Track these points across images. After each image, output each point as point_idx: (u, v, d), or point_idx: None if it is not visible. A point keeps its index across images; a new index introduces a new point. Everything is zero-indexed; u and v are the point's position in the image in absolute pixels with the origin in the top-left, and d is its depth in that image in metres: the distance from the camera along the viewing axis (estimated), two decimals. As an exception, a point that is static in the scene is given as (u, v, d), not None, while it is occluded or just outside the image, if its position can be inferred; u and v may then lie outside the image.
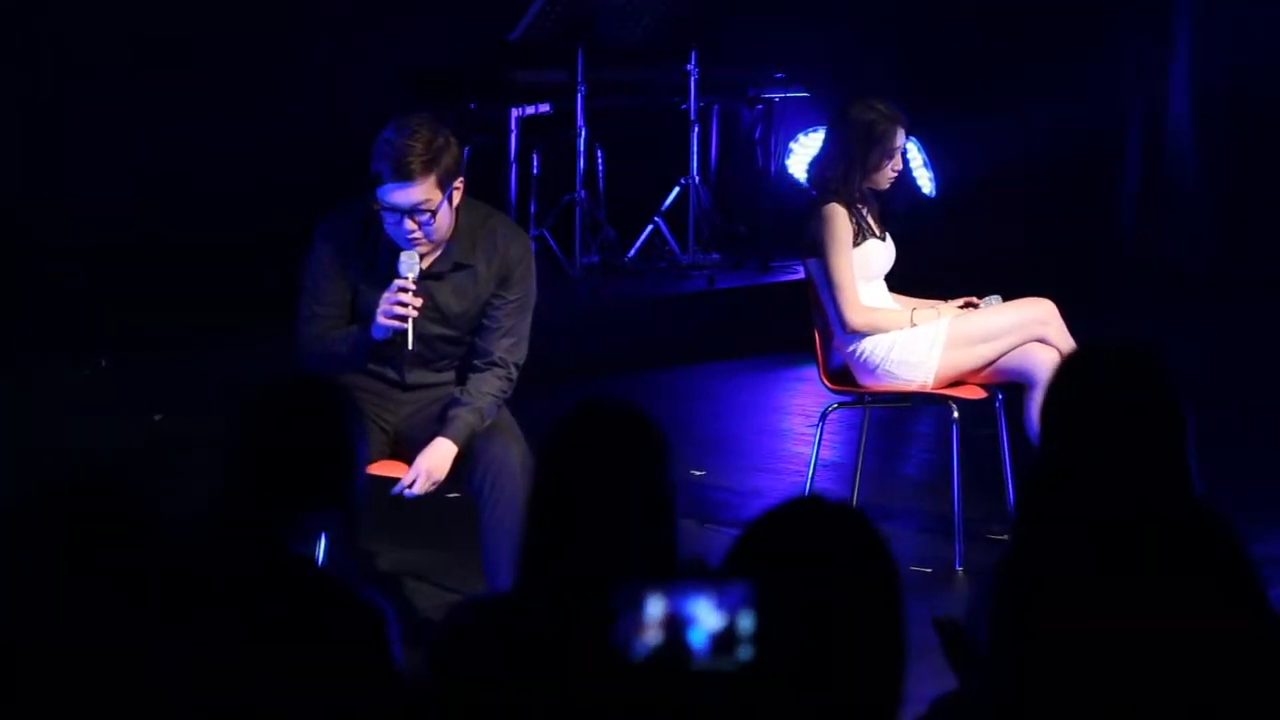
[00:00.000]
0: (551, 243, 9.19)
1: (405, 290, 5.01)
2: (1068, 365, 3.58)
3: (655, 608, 2.01)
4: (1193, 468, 3.22)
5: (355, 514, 3.47)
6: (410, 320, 5.02)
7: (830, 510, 2.57)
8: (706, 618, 1.99)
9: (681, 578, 2.08)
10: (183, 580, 2.87)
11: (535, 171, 9.45)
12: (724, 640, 1.99)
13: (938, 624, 3.10)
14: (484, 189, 5.24)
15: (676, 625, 1.99)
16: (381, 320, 5.02)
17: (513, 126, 9.30)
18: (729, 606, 1.99)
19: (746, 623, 1.99)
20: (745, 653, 1.98)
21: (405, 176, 4.99)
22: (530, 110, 9.39)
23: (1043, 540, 2.76)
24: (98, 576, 2.76)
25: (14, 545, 2.80)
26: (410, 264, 5.04)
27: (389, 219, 5.05)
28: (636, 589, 2.04)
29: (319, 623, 3.17)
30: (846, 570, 2.50)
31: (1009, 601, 2.69)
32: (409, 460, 5.09)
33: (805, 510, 2.59)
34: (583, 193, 9.26)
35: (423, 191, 5.01)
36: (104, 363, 7.68)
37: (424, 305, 5.05)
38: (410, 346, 5.07)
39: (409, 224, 5.03)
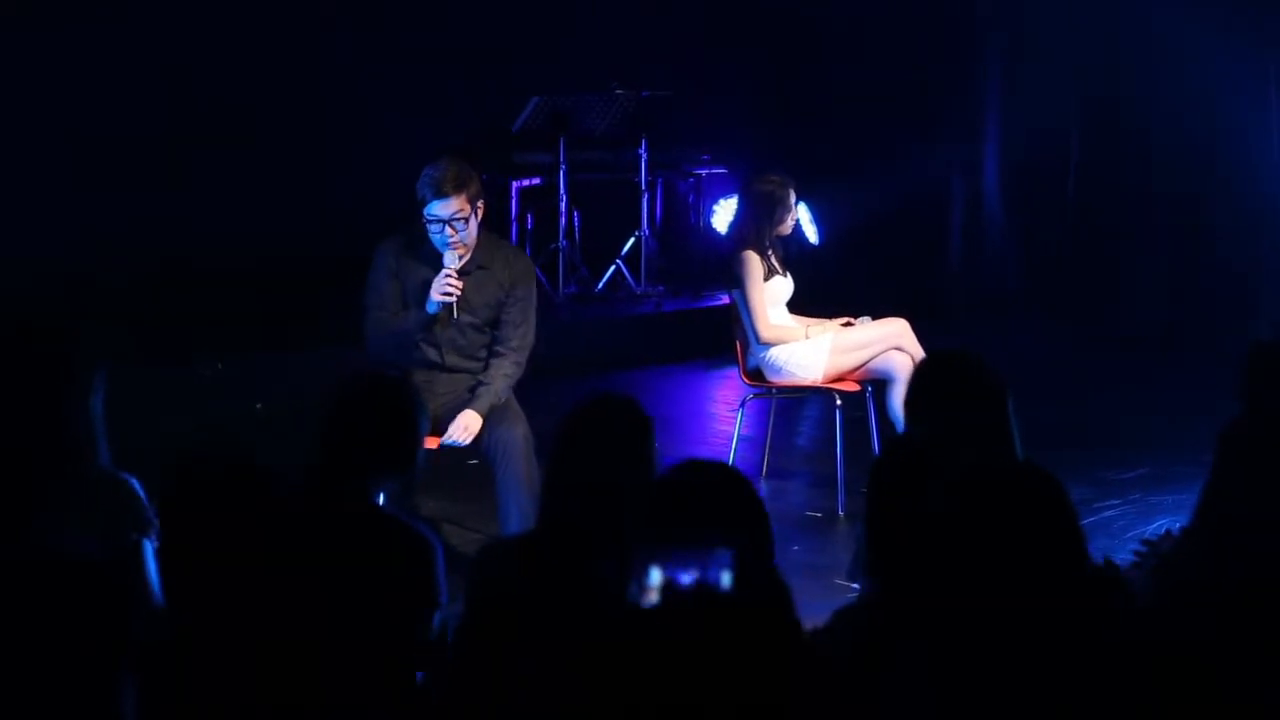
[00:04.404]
0: (542, 278, 9.07)
1: (450, 275, 5.10)
2: (920, 369, 3.56)
3: (655, 575, 1.92)
4: (1015, 438, 3.22)
5: (414, 478, 3.42)
6: (455, 297, 5.10)
7: (718, 466, 2.65)
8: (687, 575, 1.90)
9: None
10: (291, 523, 2.83)
11: (529, 227, 9.39)
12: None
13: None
14: (492, 240, 5.25)
15: (672, 585, 1.90)
16: (436, 297, 5.11)
17: (514, 195, 9.29)
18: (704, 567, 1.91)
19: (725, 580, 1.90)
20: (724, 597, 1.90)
21: (443, 194, 5.07)
22: (526, 182, 9.37)
23: (907, 493, 2.77)
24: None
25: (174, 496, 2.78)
26: (452, 258, 5.13)
27: (433, 229, 5.12)
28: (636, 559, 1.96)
29: (390, 547, 3.12)
30: (734, 501, 2.53)
31: (887, 535, 2.71)
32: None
33: (705, 466, 2.63)
34: (564, 242, 9.22)
35: (457, 204, 5.09)
36: (220, 365, 7.60)
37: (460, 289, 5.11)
38: (455, 317, 5.13)
39: (449, 230, 5.09)
